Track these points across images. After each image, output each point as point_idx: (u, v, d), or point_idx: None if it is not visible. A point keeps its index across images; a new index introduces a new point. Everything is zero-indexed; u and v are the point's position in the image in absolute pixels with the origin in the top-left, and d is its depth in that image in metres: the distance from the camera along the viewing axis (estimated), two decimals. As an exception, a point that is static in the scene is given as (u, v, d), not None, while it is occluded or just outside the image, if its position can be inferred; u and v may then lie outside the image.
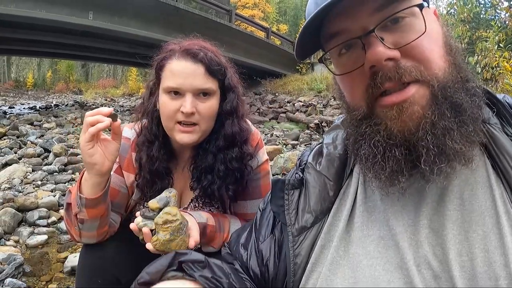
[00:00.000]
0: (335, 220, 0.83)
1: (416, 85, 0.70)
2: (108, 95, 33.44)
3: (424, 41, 0.71)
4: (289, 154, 6.05)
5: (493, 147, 0.74)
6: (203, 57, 1.37)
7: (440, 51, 0.72)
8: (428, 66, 0.70)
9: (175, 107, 1.37)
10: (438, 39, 0.74)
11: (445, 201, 0.73)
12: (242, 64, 10.70)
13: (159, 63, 1.43)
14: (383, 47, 0.70)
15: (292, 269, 0.82)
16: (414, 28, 0.71)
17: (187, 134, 1.39)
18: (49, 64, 53.75)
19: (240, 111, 1.52)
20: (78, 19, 11.21)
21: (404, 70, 0.69)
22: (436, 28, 0.75)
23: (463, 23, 7.86)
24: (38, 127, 9.99)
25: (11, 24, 11.65)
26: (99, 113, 1.24)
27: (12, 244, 3.15)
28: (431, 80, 0.69)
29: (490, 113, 0.77)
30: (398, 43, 0.71)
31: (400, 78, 0.70)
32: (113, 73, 46.98)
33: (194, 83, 1.36)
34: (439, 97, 0.69)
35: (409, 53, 0.70)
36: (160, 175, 1.49)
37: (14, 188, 4.48)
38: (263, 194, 1.56)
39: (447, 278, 0.67)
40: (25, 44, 15.97)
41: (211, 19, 15.04)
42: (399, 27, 0.72)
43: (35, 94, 41.75)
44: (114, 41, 14.44)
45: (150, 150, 1.47)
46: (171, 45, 1.45)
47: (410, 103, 0.69)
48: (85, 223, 1.35)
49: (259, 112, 15.39)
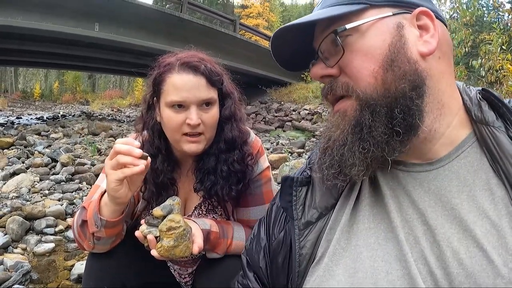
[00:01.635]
0: (339, 215, 0.85)
1: (346, 100, 0.80)
2: (115, 105, 33.63)
3: (354, 59, 0.77)
4: (294, 162, 6.07)
5: (496, 149, 0.74)
6: (204, 70, 1.40)
7: (371, 67, 0.75)
8: (356, 82, 0.77)
9: (180, 120, 1.39)
10: (374, 55, 0.75)
11: (443, 200, 0.75)
12: (247, 73, 10.74)
13: (157, 77, 1.44)
14: (320, 66, 0.82)
15: (298, 260, 0.86)
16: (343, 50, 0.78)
17: (194, 144, 1.42)
18: (56, 75, 54.24)
19: (238, 115, 1.55)
20: (84, 30, 11.35)
21: (337, 86, 0.80)
22: (377, 43, 0.76)
23: (466, 27, 7.82)
24: (45, 137, 10.02)
25: (18, 36, 11.77)
26: (130, 151, 1.19)
27: (19, 252, 3.17)
28: (357, 96, 0.76)
29: (495, 116, 0.78)
30: (334, 62, 0.80)
31: (332, 92, 0.81)
32: (119, 84, 47.36)
33: (198, 95, 1.39)
34: (358, 113, 0.76)
35: (344, 70, 0.79)
36: (165, 186, 1.52)
37: (22, 197, 4.51)
38: (266, 201, 1.58)
39: (443, 274, 0.68)
40: (32, 56, 16.10)
41: (215, 29, 15.14)
42: (338, 49, 0.79)
43: (42, 104, 42.03)
44: (120, 52, 14.53)
45: (154, 164, 1.46)
46: (167, 58, 1.46)
47: (342, 114, 0.79)
48: (101, 240, 1.37)
49: (265, 121, 15.40)
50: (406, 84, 0.73)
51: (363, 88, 0.76)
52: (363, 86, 0.76)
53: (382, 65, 0.75)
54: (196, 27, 13.68)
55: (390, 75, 0.74)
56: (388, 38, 0.76)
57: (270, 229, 1.01)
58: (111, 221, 1.31)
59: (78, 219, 1.39)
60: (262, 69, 17.33)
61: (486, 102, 0.80)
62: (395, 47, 0.75)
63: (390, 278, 0.72)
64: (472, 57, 8.61)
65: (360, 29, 0.77)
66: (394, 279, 0.71)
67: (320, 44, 0.82)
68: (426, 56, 0.76)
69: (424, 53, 0.75)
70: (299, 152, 8.83)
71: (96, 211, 1.31)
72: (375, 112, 0.74)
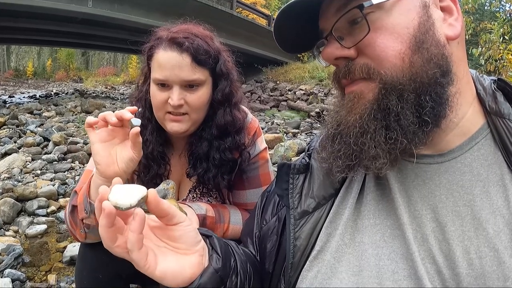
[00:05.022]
0: (341, 208, 0.82)
1: (363, 82, 0.72)
2: (109, 83, 33.48)
3: (378, 39, 0.69)
4: (289, 142, 6.03)
5: (511, 143, 0.70)
6: (189, 47, 1.32)
7: (398, 47, 0.68)
8: (379, 63, 0.69)
9: (163, 98, 1.35)
10: (400, 34, 0.69)
11: (455, 196, 0.70)
12: (243, 51, 10.63)
13: (148, 51, 1.40)
14: (335, 47, 0.73)
15: (292, 251, 0.82)
16: (367, 28, 0.70)
17: (177, 123, 1.37)
18: (49, 52, 53.61)
19: (234, 99, 1.48)
20: (77, 6, 11.12)
21: (354, 68, 0.72)
22: (404, 22, 0.69)
23: (467, 15, 7.79)
24: (37, 116, 9.95)
25: (10, 13, 11.59)
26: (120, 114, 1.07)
27: (11, 234, 3.15)
28: (379, 79, 0.69)
29: (510, 108, 0.73)
30: (353, 42, 0.72)
31: (350, 76, 0.73)
32: (113, 61, 46.96)
33: (180, 75, 1.32)
34: (381, 96, 0.68)
35: (364, 51, 0.71)
36: (155, 159, 1.47)
37: (13, 177, 4.47)
38: (263, 184, 1.55)
39: (451, 274, 0.65)
40: (25, 33, 15.94)
41: (212, 6, 14.92)
42: (357, 27, 0.71)
43: (35, 83, 41.62)
44: (114, 29, 14.36)
45: (143, 135, 1.43)
46: (160, 31, 1.40)
47: (357, 96, 0.72)
48: (92, 228, 1.29)
49: (260, 100, 15.36)
50: (437, 70, 0.67)
51: (388, 70, 0.68)
52: (388, 68, 0.68)
53: (410, 46, 0.68)
54: (192, 4, 13.47)
55: (419, 57, 0.68)
56: (416, 17, 0.69)
57: (261, 213, 0.98)
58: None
59: (69, 205, 1.32)
60: (259, 47, 17.19)
61: (501, 93, 0.75)
62: (424, 27, 0.69)
63: (396, 277, 0.68)
64: (471, 45, 8.56)
65: (384, 6, 0.70)
66: (400, 278, 0.68)
67: (336, 22, 0.73)
68: (450, 41, 0.71)
69: (450, 37, 0.71)
70: (294, 132, 8.83)
71: (86, 195, 1.22)
72: (403, 98, 0.67)
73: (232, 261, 0.83)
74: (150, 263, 0.67)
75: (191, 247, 0.74)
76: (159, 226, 0.73)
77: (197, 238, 0.75)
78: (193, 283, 0.73)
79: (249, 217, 1.06)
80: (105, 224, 0.63)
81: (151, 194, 0.66)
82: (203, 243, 0.77)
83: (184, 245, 0.73)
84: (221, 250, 0.80)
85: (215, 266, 0.77)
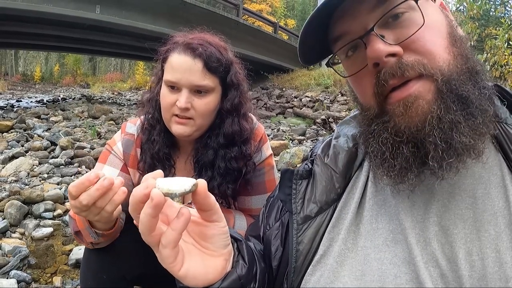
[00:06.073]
0: (343, 213, 0.82)
1: (419, 80, 0.68)
2: (115, 88, 33.66)
3: (426, 34, 0.69)
4: (295, 149, 6.02)
5: (509, 146, 0.71)
6: (202, 53, 1.35)
7: (443, 42, 0.70)
8: (432, 59, 0.68)
9: (172, 100, 1.38)
10: (441, 30, 0.71)
11: (457, 199, 0.71)
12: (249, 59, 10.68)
13: (163, 54, 1.44)
14: (383, 44, 0.69)
15: (294, 255, 0.82)
16: (414, 22, 0.70)
17: (181, 126, 1.40)
18: (57, 58, 54.10)
19: (242, 109, 1.50)
20: (84, 13, 11.25)
21: (406, 65, 0.68)
22: (439, 19, 0.73)
23: (472, 20, 7.77)
24: (45, 120, 9.99)
25: (19, 18, 11.69)
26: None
27: (17, 237, 3.16)
28: (435, 73, 0.67)
29: (508, 113, 0.75)
30: (399, 38, 0.70)
31: (403, 74, 0.68)
32: (120, 67, 47.27)
33: (190, 78, 1.35)
34: (444, 90, 0.67)
35: (411, 47, 0.69)
36: (160, 159, 1.49)
37: (20, 181, 4.49)
38: (268, 190, 1.55)
39: (454, 277, 0.65)
40: (33, 38, 16.09)
41: (218, 13, 15.01)
42: (400, 22, 0.71)
43: (42, 87, 41.95)
44: (121, 35, 14.46)
45: (151, 134, 1.49)
46: (177, 37, 1.44)
47: (415, 98, 0.68)
48: (101, 243, 1.36)
49: (266, 107, 15.36)
50: (469, 65, 0.70)
51: (441, 66, 0.68)
52: (441, 62, 0.68)
53: (450, 42, 0.70)
54: (199, 11, 13.56)
55: (458, 53, 0.70)
56: (440, 15, 0.73)
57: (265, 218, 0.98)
58: (108, 233, 1.27)
59: (71, 228, 1.36)
60: (265, 54, 17.25)
61: (498, 97, 0.76)
62: (452, 25, 0.72)
63: (398, 281, 0.69)
64: (477, 51, 8.55)
65: (427, 3, 0.73)
66: (402, 282, 0.69)
67: (383, 16, 0.71)
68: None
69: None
70: (299, 139, 8.79)
71: (88, 226, 1.23)
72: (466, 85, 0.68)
73: (255, 269, 0.81)
74: (177, 263, 0.66)
75: (219, 249, 0.72)
76: (194, 220, 0.70)
77: (227, 241, 0.74)
78: (215, 284, 0.72)
79: (255, 221, 1.06)
80: (150, 213, 0.60)
81: (201, 184, 0.64)
82: (230, 247, 0.75)
83: (212, 246, 0.72)
84: (248, 258, 0.79)
85: (240, 273, 0.76)
